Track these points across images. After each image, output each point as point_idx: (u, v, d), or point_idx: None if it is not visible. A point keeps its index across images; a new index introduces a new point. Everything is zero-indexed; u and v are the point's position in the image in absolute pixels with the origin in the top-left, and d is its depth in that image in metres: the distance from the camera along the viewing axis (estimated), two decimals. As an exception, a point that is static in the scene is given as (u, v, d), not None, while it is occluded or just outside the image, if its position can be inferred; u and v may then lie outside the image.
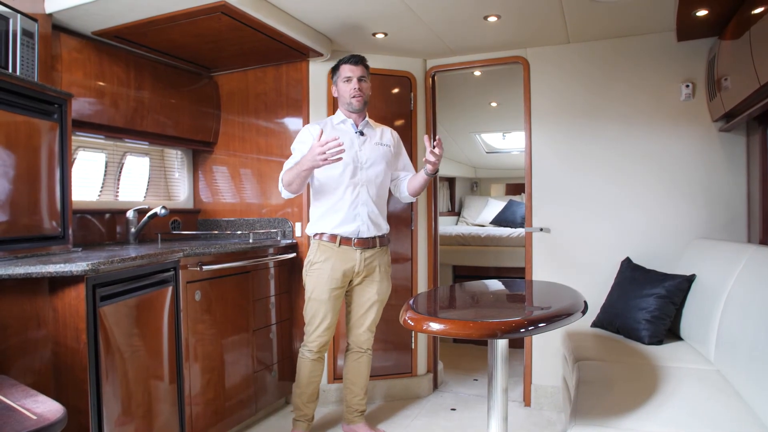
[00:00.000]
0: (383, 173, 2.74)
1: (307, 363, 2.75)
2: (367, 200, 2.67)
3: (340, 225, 2.64)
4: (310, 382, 2.76)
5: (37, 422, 1.18)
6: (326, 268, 2.65)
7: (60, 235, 2.33)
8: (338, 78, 2.72)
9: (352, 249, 2.66)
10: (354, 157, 2.67)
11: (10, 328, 1.85)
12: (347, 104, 2.70)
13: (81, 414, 1.93)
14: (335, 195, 2.66)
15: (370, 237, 2.69)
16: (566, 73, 3.26)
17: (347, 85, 2.67)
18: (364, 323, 2.79)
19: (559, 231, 3.27)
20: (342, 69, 2.70)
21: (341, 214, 2.64)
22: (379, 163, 2.72)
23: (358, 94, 2.66)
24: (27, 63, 2.26)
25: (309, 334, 2.73)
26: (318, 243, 2.70)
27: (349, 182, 2.65)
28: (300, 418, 2.81)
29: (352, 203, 2.65)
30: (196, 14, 2.54)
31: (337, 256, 2.65)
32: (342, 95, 2.71)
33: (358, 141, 2.71)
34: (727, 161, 2.94)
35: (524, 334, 1.63)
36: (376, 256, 2.73)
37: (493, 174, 7.64)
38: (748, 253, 2.16)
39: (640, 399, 1.85)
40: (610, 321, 2.72)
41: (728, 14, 2.50)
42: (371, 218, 2.68)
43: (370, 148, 2.73)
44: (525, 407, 3.32)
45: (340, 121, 2.77)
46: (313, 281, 2.69)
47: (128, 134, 3.05)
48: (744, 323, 1.92)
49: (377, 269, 2.74)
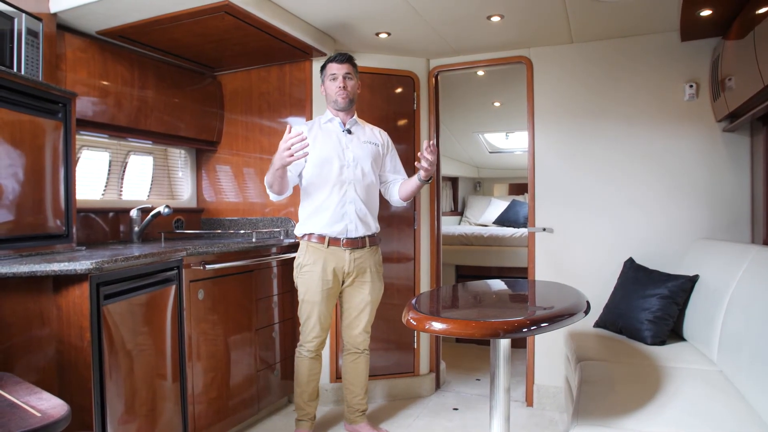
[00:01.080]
0: (371, 172, 2.73)
1: (305, 362, 2.76)
2: (354, 198, 2.66)
3: (328, 224, 2.63)
4: (309, 381, 2.77)
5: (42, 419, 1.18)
6: (317, 270, 2.64)
7: (64, 233, 2.34)
8: (325, 76, 2.73)
9: (341, 249, 2.65)
10: (340, 155, 2.66)
11: (14, 326, 1.86)
12: (333, 102, 2.71)
13: (84, 412, 1.94)
14: (322, 194, 2.65)
15: (359, 237, 2.68)
16: (569, 73, 3.25)
17: (333, 83, 2.68)
18: (360, 325, 2.79)
19: (562, 231, 3.26)
20: (328, 67, 2.70)
21: (328, 213, 2.63)
22: (365, 161, 2.71)
23: (342, 92, 2.66)
24: (32, 62, 2.27)
25: (305, 334, 2.73)
26: (307, 244, 2.69)
27: (336, 181, 2.64)
28: (303, 417, 2.81)
29: (339, 202, 2.64)
30: (199, 14, 2.55)
31: (327, 257, 2.65)
32: (328, 93, 2.72)
33: (345, 139, 2.71)
34: (730, 162, 2.93)
35: (526, 333, 1.63)
36: (366, 257, 2.72)
37: (496, 174, 7.63)
38: (751, 254, 2.15)
39: (643, 399, 1.84)
40: (613, 321, 2.72)
41: (732, 14, 2.50)
42: (359, 217, 2.67)
43: (358, 146, 2.72)
44: (527, 407, 3.32)
45: (327, 120, 2.77)
46: (305, 283, 2.68)
47: (132, 133, 3.06)
48: (747, 324, 1.92)
49: (368, 270, 2.74)
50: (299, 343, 2.78)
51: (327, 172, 2.64)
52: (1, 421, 1.16)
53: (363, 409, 2.91)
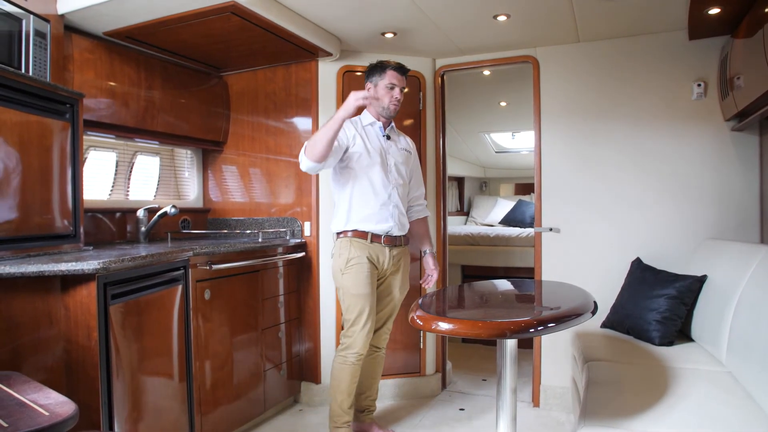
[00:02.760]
0: (408, 176, 2.83)
1: (350, 369, 2.65)
2: (397, 201, 2.72)
3: (373, 223, 2.67)
4: (352, 388, 2.69)
5: (50, 418, 1.19)
6: (364, 261, 2.66)
7: (71, 233, 2.35)
8: (380, 80, 2.71)
9: (382, 246, 2.69)
10: (383, 158, 2.71)
11: (22, 325, 1.87)
12: (384, 108, 2.72)
13: (92, 411, 1.95)
14: (368, 194, 2.68)
15: (398, 236, 2.74)
16: (576, 73, 3.24)
17: (390, 91, 2.70)
18: (386, 323, 2.84)
19: (569, 231, 3.25)
20: (388, 74, 2.70)
21: (375, 213, 2.67)
22: (403, 167, 2.79)
23: (397, 103, 2.72)
24: (39, 63, 2.29)
25: (354, 334, 2.64)
26: (350, 240, 2.69)
27: (383, 183, 2.69)
28: (342, 425, 2.70)
29: (385, 203, 2.68)
30: (206, 14, 2.56)
31: (369, 251, 2.68)
32: (380, 98, 2.72)
33: (385, 144, 2.75)
34: (739, 161, 2.91)
35: (533, 334, 1.63)
36: (402, 255, 2.79)
37: (502, 174, 7.62)
38: (760, 254, 2.13)
39: (650, 400, 1.83)
40: (621, 321, 2.70)
41: (741, 12, 2.48)
42: (400, 219, 2.73)
43: (396, 152, 2.78)
44: (534, 408, 3.31)
45: (368, 123, 2.78)
46: (353, 277, 2.65)
47: (139, 134, 3.08)
48: (757, 325, 1.90)
49: (401, 269, 2.80)
50: (343, 347, 2.68)
51: (373, 173, 2.68)
52: (10, 419, 1.17)
53: (372, 409, 2.91)
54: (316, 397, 3.39)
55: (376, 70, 2.74)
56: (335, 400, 2.70)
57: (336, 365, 2.69)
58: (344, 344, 2.68)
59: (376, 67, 2.74)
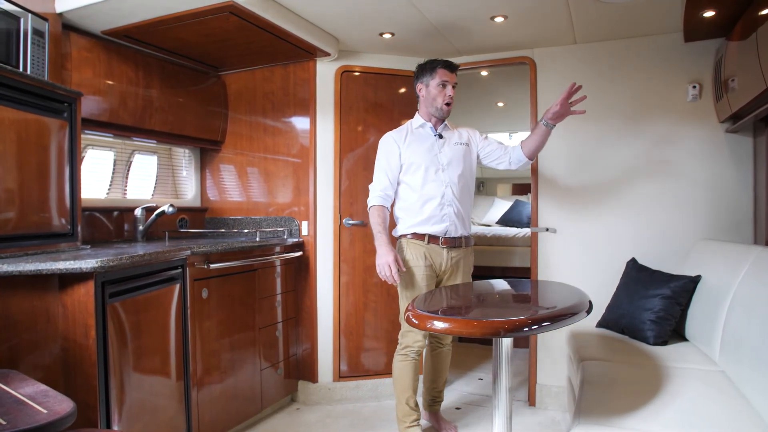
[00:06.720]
0: (465, 173, 2.77)
1: (410, 364, 2.70)
2: (452, 200, 2.70)
3: (430, 225, 2.68)
4: (416, 385, 2.74)
5: (48, 416, 1.19)
6: (420, 263, 2.68)
7: (69, 232, 2.36)
8: (431, 80, 2.70)
9: (440, 247, 2.69)
10: (435, 159, 2.70)
11: (20, 323, 1.88)
12: (437, 109, 2.71)
13: (90, 409, 1.95)
14: (422, 198, 2.69)
15: (457, 237, 2.72)
16: (572, 74, 3.24)
17: (442, 90, 2.68)
18: None
19: (565, 231, 3.27)
20: (439, 73, 2.68)
21: (430, 215, 2.68)
22: (458, 163, 2.74)
23: (451, 101, 2.69)
24: (37, 62, 2.29)
25: (416, 332, 2.66)
26: (407, 242, 2.72)
27: (435, 184, 2.68)
28: (413, 424, 2.73)
29: (439, 204, 2.68)
30: (204, 14, 2.56)
31: (426, 253, 2.69)
32: (433, 99, 2.70)
33: (437, 144, 2.74)
34: (733, 162, 2.93)
35: (528, 332, 1.64)
36: (461, 256, 2.77)
37: (499, 174, 7.62)
38: (753, 255, 2.15)
39: (645, 399, 1.85)
40: (616, 321, 2.72)
41: (736, 15, 2.50)
42: (457, 218, 2.71)
43: (449, 149, 2.75)
44: (530, 407, 3.33)
45: (419, 125, 2.78)
46: (408, 277, 2.68)
47: (136, 133, 3.08)
48: (749, 324, 1.92)
49: (461, 269, 2.77)
50: (403, 346, 2.72)
51: (424, 176, 2.68)
52: (8, 417, 1.17)
53: (440, 400, 3.01)
54: (313, 395, 3.40)
55: (425, 70, 2.72)
56: (400, 401, 2.74)
57: (396, 364, 2.75)
58: (401, 343, 2.74)
59: (425, 67, 2.72)
